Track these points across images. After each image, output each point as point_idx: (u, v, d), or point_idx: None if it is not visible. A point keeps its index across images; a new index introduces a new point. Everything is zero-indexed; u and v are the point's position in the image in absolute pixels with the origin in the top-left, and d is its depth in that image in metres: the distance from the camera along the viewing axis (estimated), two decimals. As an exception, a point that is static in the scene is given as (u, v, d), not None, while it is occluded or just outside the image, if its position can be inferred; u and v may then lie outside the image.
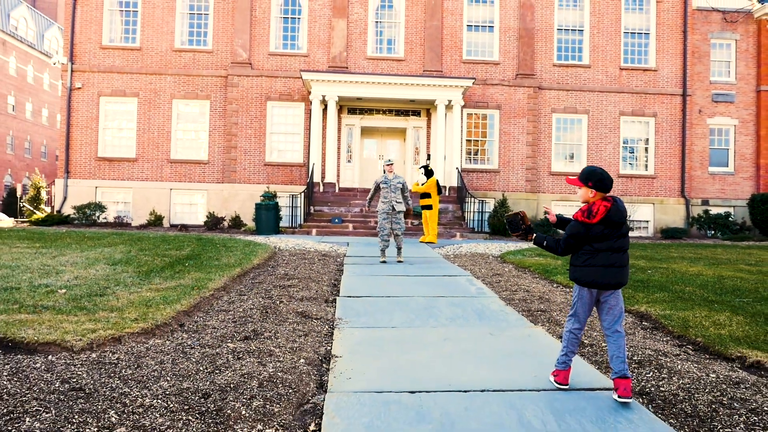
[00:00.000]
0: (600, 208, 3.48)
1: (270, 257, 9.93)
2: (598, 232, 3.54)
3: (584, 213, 3.53)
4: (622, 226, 3.59)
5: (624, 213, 3.57)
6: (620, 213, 3.53)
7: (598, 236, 3.55)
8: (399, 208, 10.21)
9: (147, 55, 21.15)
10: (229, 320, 5.16)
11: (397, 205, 10.23)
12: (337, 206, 18.71)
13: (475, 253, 11.90)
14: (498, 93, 21.33)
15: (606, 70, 21.68)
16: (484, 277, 8.36)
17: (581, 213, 3.54)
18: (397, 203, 10.23)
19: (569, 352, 3.74)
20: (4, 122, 42.40)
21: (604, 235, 3.53)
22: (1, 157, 42.18)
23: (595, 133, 21.58)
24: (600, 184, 3.56)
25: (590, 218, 3.51)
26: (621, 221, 3.55)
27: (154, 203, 20.85)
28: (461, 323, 5.51)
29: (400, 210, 10.23)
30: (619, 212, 3.53)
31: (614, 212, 3.51)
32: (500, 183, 21.18)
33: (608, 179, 3.59)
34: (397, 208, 10.20)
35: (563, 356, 3.74)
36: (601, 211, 3.49)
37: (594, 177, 3.59)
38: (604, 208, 3.48)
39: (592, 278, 3.59)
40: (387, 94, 19.60)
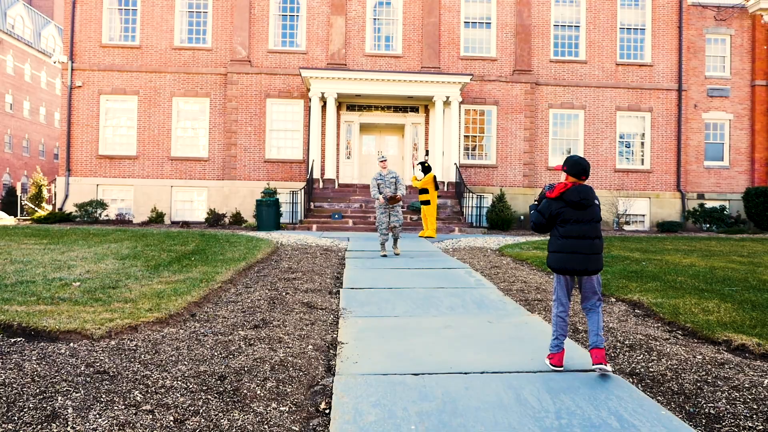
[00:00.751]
0: (560, 185, 3.85)
1: (273, 252, 10.14)
2: (555, 210, 3.86)
3: (549, 189, 3.91)
4: (584, 213, 3.84)
5: (583, 196, 3.82)
6: (577, 194, 3.81)
7: (560, 220, 3.87)
8: (396, 204, 10.50)
9: (147, 54, 21.29)
10: (238, 310, 5.37)
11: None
12: (337, 202, 18.92)
13: (474, 246, 12.13)
14: (495, 89, 21.53)
15: (602, 66, 21.88)
16: (482, 270, 8.58)
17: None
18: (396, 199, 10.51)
19: (559, 335, 3.98)
20: (1, 121, 42.49)
21: (565, 220, 3.82)
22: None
23: (592, 129, 21.80)
24: (571, 169, 3.92)
25: (550, 192, 3.88)
26: (578, 203, 3.81)
27: (155, 200, 21.03)
28: (461, 312, 5.73)
29: (398, 205, 10.53)
30: (575, 193, 3.81)
31: (571, 192, 3.82)
32: (498, 178, 21.40)
33: (580, 165, 3.92)
34: (395, 205, 10.49)
35: (554, 340, 3.99)
36: (558, 187, 3.87)
37: (568, 162, 3.95)
38: (563, 186, 3.84)
39: (560, 264, 3.92)
40: (385, 90, 19.79)
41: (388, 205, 10.44)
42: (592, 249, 3.85)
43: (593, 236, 3.87)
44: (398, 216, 10.52)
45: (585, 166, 3.91)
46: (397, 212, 10.53)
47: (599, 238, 3.91)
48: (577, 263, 3.85)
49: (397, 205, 10.52)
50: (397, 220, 10.51)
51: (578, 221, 3.86)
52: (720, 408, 3.21)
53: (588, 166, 3.96)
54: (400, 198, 10.34)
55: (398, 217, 10.52)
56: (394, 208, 10.51)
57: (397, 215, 10.53)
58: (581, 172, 3.90)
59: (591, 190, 3.89)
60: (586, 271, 3.85)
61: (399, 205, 10.55)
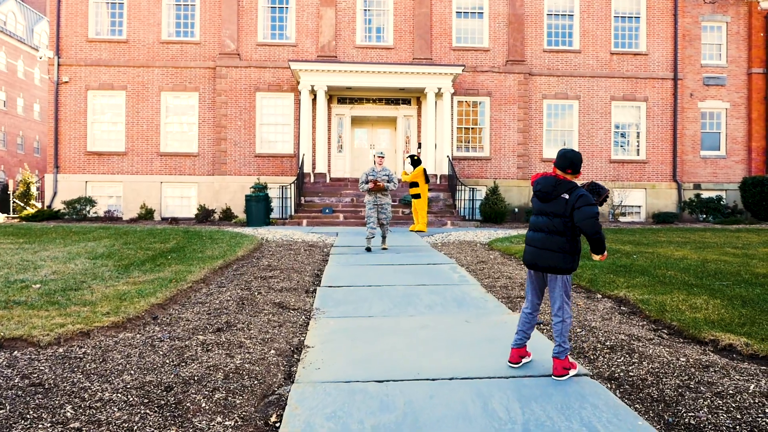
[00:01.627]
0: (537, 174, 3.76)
1: (255, 249, 9.88)
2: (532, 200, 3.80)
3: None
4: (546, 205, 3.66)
5: (541, 187, 3.67)
6: (539, 184, 3.69)
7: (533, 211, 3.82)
8: (385, 200, 10.39)
9: (134, 48, 20.97)
10: (204, 312, 5.12)
11: (383, 197, 10.38)
12: (328, 196, 18.66)
13: (463, 241, 11.88)
14: (488, 80, 21.22)
15: (597, 55, 21.57)
16: (468, 265, 8.33)
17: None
18: (383, 194, 10.37)
19: (520, 331, 3.83)
20: (-6, 118, 42.13)
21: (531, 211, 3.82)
22: (-7, 153, 41.91)
23: (587, 119, 21.51)
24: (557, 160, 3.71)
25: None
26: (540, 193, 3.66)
27: (145, 197, 20.77)
28: (440, 311, 5.48)
29: (387, 201, 10.39)
30: (538, 183, 3.69)
31: (537, 182, 3.72)
32: (492, 170, 21.13)
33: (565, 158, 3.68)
34: (384, 200, 10.37)
35: (515, 335, 3.85)
36: (534, 176, 3.76)
37: (557, 154, 3.75)
38: (537, 175, 3.74)
39: (523, 256, 3.87)
40: (376, 82, 19.49)
41: (377, 200, 10.27)
42: (544, 244, 3.65)
43: (549, 230, 3.65)
44: (386, 213, 10.39)
45: (572, 158, 3.65)
46: (386, 209, 10.40)
47: (560, 234, 3.62)
48: (528, 255, 3.79)
49: (386, 202, 10.35)
50: (386, 218, 10.38)
51: (539, 213, 3.75)
52: (701, 418, 2.96)
53: (575, 159, 3.67)
54: (382, 185, 10.11)
55: (386, 214, 10.39)
56: (382, 206, 10.32)
57: (386, 212, 10.39)
58: (566, 165, 3.65)
59: (561, 184, 3.62)
60: (536, 266, 3.71)
61: (388, 203, 10.42)
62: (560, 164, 3.67)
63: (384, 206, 10.34)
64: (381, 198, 10.33)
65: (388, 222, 10.38)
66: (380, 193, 10.29)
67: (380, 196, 10.32)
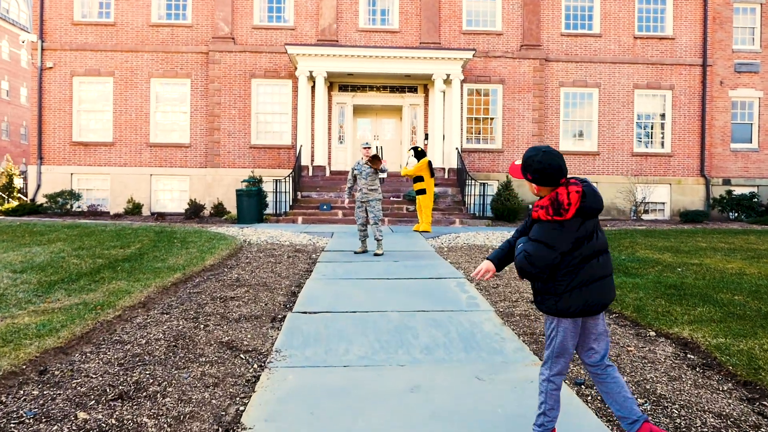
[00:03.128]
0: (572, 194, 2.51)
1: (230, 255, 8.50)
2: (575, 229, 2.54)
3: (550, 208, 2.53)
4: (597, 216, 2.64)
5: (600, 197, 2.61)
6: (597, 196, 2.59)
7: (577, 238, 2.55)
8: (373, 196, 9.13)
9: (122, 31, 19.60)
10: (116, 361, 3.74)
11: (371, 193, 9.12)
12: (327, 191, 17.24)
13: (473, 245, 10.43)
14: (501, 66, 19.67)
15: (618, 40, 19.94)
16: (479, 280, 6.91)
17: (545, 211, 2.54)
18: (370, 190, 9.12)
19: (549, 410, 2.64)
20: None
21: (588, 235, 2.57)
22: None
23: (607, 109, 19.92)
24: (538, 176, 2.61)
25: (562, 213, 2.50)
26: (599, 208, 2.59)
27: (133, 190, 19.47)
28: (440, 357, 4.07)
29: (375, 198, 9.14)
30: (595, 196, 2.58)
31: (590, 196, 2.55)
32: (504, 164, 19.61)
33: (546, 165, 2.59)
34: (371, 196, 9.12)
35: (541, 417, 2.66)
36: (574, 198, 2.50)
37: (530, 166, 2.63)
38: (576, 195, 2.51)
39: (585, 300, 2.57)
40: (380, 68, 18.01)
41: (363, 197, 9.08)
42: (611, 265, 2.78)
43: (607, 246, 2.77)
44: (374, 211, 9.07)
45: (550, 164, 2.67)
46: (374, 206, 9.07)
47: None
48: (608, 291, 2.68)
49: (373, 198, 9.03)
50: (374, 216, 9.07)
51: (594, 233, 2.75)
52: None
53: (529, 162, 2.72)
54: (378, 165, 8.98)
55: (374, 212, 9.07)
56: (369, 203, 9.01)
57: (374, 210, 9.07)
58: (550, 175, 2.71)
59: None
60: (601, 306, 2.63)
61: (376, 198, 9.13)
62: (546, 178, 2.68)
63: (371, 203, 9.07)
64: (368, 194, 9.08)
65: (378, 220, 9.06)
66: (367, 190, 9.04)
67: (367, 192, 9.07)
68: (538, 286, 2.67)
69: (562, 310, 2.58)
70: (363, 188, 9.11)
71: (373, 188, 9.11)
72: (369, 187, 9.08)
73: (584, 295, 2.55)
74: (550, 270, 2.55)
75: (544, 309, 2.67)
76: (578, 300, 2.55)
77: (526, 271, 2.57)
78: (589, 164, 19.77)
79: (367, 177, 9.07)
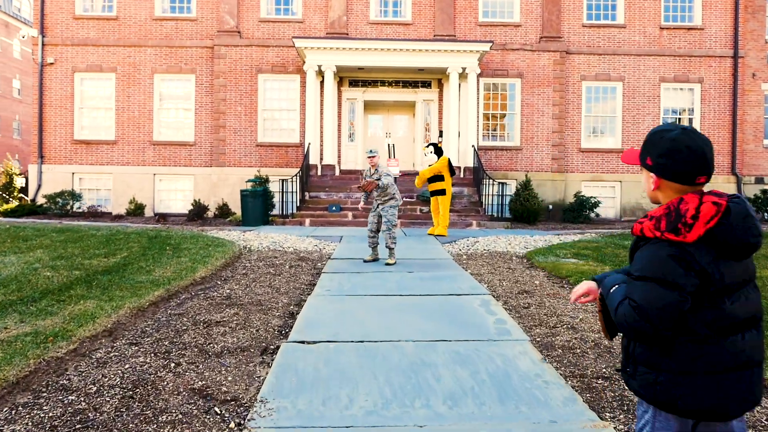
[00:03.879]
0: (705, 205, 1.55)
1: (227, 264, 7.67)
2: (704, 264, 1.55)
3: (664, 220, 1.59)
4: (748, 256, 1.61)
5: (757, 227, 1.59)
6: (749, 222, 1.56)
7: (706, 282, 1.56)
8: (386, 204, 8.22)
9: (125, 25, 18.88)
10: (47, 423, 2.89)
11: (384, 198, 8.25)
12: (336, 192, 16.38)
13: (495, 251, 9.51)
14: (519, 59, 18.69)
15: (644, 30, 18.87)
16: (506, 297, 6.01)
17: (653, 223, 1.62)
18: (384, 201, 8.23)
19: None
20: (9, 107, 40.61)
21: (728, 287, 1.56)
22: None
23: (632, 103, 18.87)
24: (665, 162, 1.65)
25: (680, 230, 1.55)
26: (748, 243, 1.57)
27: (137, 190, 18.76)
28: (469, 412, 3.18)
29: (389, 204, 8.21)
30: (746, 220, 1.56)
31: (737, 219, 1.54)
32: (523, 162, 18.65)
33: (682, 146, 1.62)
34: (385, 204, 8.23)
35: None
36: (706, 212, 1.54)
37: (657, 146, 1.67)
38: (712, 208, 1.54)
39: (710, 394, 1.58)
40: (392, 62, 17.11)
41: (376, 202, 8.11)
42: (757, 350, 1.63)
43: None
44: (387, 215, 8.12)
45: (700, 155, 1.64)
46: (388, 211, 8.13)
47: None
48: (745, 392, 1.61)
49: (387, 204, 8.12)
50: (387, 221, 8.11)
51: (744, 282, 1.64)
52: None
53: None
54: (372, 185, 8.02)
55: (387, 216, 8.12)
56: (384, 207, 8.10)
57: (387, 215, 8.13)
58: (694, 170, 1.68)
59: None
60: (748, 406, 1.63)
61: (391, 205, 8.17)
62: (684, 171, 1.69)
63: (386, 207, 8.14)
64: (381, 197, 8.18)
65: (390, 227, 8.10)
66: (381, 200, 8.18)
67: (381, 203, 8.20)
68: (636, 350, 1.69)
69: (667, 400, 1.62)
70: (376, 198, 8.26)
71: (387, 198, 8.19)
72: (382, 195, 8.20)
73: (710, 385, 1.58)
74: (677, 325, 1.58)
75: (635, 387, 1.70)
76: (699, 391, 1.58)
77: (637, 331, 1.60)
78: (613, 162, 18.74)
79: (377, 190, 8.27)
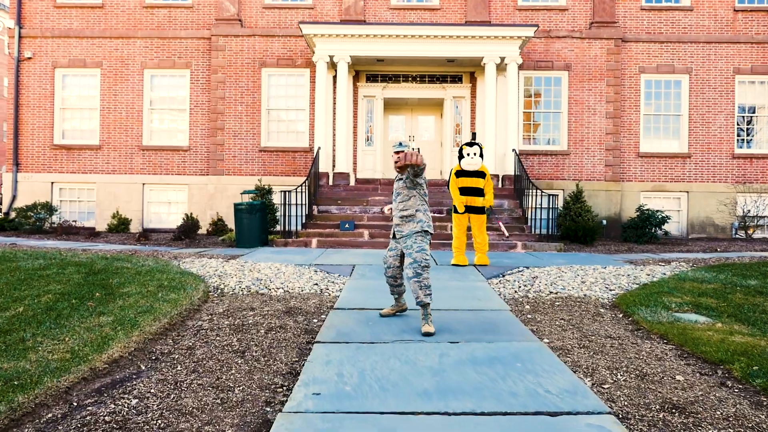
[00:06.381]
0: None
1: (169, 328, 5.01)
2: None
3: None
4: None
5: None
6: None
7: None
8: (407, 228, 5.20)
9: (111, 14, 16.53)
10: None
11: (402, 223, 5.24)
12: (350, 205, 13.71)
13: (567, 295, 6.73)
14: (566, 48, 15.89)
15: (714, 13, 15.95)
16: (639, 414, 3.25)
17: None
18: (402, 218, 5.25)
19: None
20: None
21: None
22: None
23: (700, 100, 15.93)
24: None
25: None
26: None
27: (124, 202, 16.33)
28: None
29: (411, 230, 5.18)
30: None
31: None
32: (570, 169, 15.81)
33: None
34: (403, 227, 5.23)
35: None
36: None
37: None
38: None
39: None
40: (417, 50, 14.45)
41: (396, 227, 5.29)
42: None
43: None
44: (412, 253, 5.06)
45: None
46: (410, 245, 5.12)
47: None
48: None
49: (408, 233, 5.16)
50: (414, 263, 5.02)
51: None
52: None
53: None
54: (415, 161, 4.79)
55: (413, 257, 5.04)
56: (405, 238, 5.18)
57: (411, 250, 5.09)
58: None
59: None
60: None
61: (414, 232, 5.15)
62: None
63: (405, 240, 5.17)
64: (399, 224, 5.27)
65: (419, 273, 4.97)
66: (399, 215, 5.25)
67: (398, 222, 5.27)
68: None
69: None
70: (395, 212, 5.34)
71: (407, 213, 5.21)
72: (400, 211, 5.24)
73: None
74: None
75: None
76: None
77: None
78: (678, 169, 15.81)
79: (397, 194, 5.31)
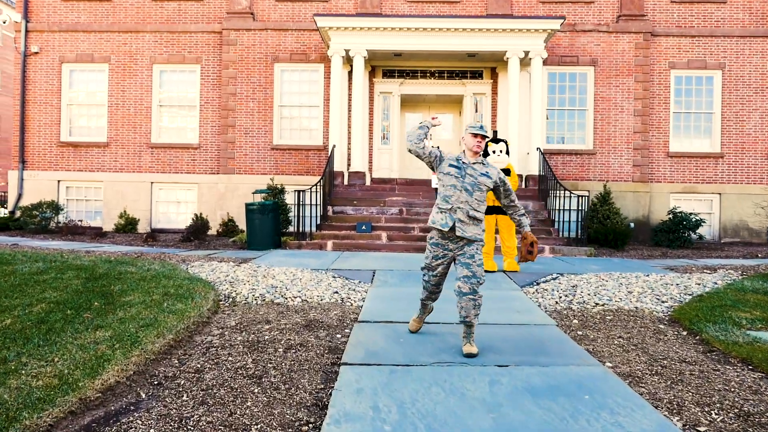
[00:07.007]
0: None
1: (174, 345, 4.40)
2: None
3: None
4: None
5: None
6: None
7: None
8: (470, 232, 4.40)
9: (120, 8, 16.02)
10: None
11: (467, 225, 4.40)
12: (367, 206, 13.08)
13: (617, 308, 6.05)
14: (592, 42, 15.19)
15: (749, 6, 15.19)
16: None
17: None
18: (470, 217, 4.40)
19: None
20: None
21: None
22: None
23: (734, 97, 15.17)
24: None
25: None
26: None
27: (131, 201, 15.81)
28: None
29: (475, 235, 4.42)
30: None
31: None
32: (596, 169, 15.10)
33: None
34: (467, 230, 4.40)
35: None
36: None
37: None
38: None
39: None
40: (437, 44, 13.80)
41: (457, 228, 4.37)
42: None
43: None
44: (474, 265, 4.35)
45: None
46: (474, 254, 4.37)
47: None
48: None
49: (475, 239, 4.40)
50: (469, 277, 4.32)
51: None
52: None
53: None
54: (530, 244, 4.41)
55: (473, 269, 4.34)
56: (465, 248, 4.40)
57: (473, 261, 4.36)
58: None
59: None
60: None
61: (480, 237, 4.42)
62: None
63: (469, 247, 4.40)
64: (463, 223, 4.38)
65: (474, 288, 4.30)
66: (467, 212, 4.38)
67: (463, 218, 4.37)
68: None
69: None
70: (458, 208, 4.40)
71: (478, 215, 4.43)
72: (473, 209, 4.40)
73: None
74: None
75: None
76: None
77: None
78: (710, 169, 15.05)
79: (474, 186, 4.40)
